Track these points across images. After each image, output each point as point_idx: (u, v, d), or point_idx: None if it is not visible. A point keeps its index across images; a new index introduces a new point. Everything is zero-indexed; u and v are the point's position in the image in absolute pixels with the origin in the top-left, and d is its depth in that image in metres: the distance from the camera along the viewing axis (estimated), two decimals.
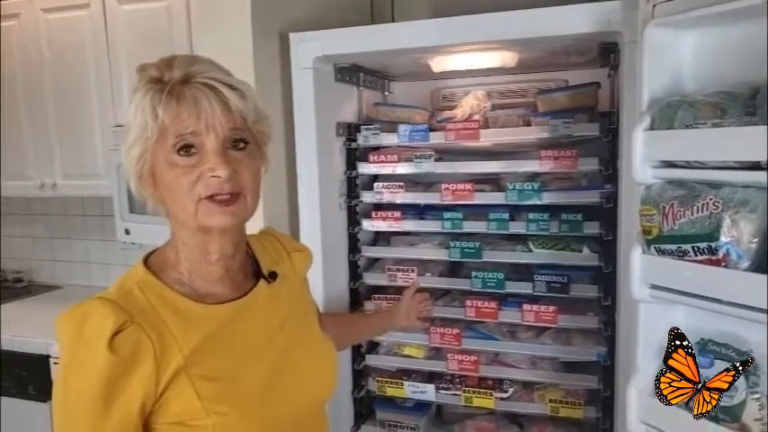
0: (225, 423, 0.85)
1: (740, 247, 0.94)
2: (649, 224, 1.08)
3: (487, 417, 1.85)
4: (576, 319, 1.65)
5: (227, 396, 0.87)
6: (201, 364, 0.87)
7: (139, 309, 0.86)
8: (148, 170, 0.88)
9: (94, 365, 0.80)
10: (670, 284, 1.07)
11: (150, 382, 0.83)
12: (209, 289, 0.93)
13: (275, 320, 0.99)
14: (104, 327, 0.81)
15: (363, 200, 1.84)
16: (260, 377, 0.92)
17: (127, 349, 0.81)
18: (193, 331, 0.88)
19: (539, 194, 1.63)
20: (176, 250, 0.93)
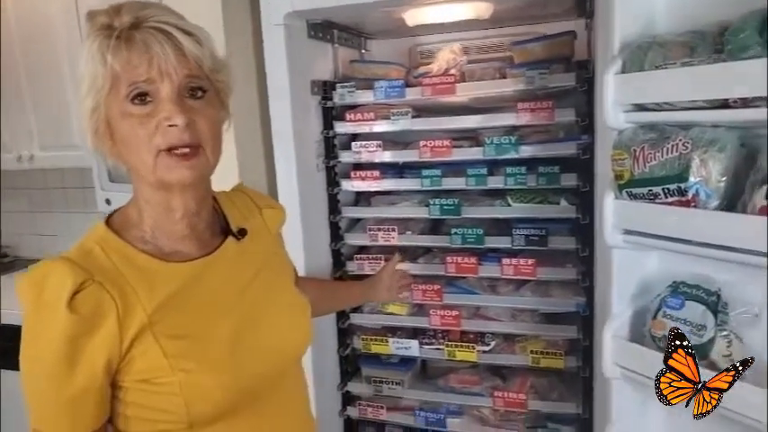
0: (191, 380, 0.84)
1: (709, 187, 0.95)
2: (621, 168, 1.08)
3: (470, 370, 1.87)
4: (554, 272, 1.67)
5: (193, 353, 0.86)
6: (166, 321, 0.85)
7: (100, 267, 0.84)
8: (104, 123, 0.85)
9: (55, 326, 0.79)
10: (642, 228, 1.07)
11: (114, 341, 0.81)
12: (175, 247, 0.91)
13: (244, 277, 0.97)
14: (63, 287, 0.79)
15: (342, 160, 1.82)
16: (227, 333, 0.90)
17: (88, 308, 0.80)
18: (157, 289, 0.86)
19: (516, 148, 1.63)
20: (139, 208, 0.91)
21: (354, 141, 1.81)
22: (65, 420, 0.83)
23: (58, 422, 0.83)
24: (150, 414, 0.86)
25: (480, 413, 1.81)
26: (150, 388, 0.84)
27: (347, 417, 1.95)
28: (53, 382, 0.80)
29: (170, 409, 0.84)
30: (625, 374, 1.16)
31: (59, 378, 0.80)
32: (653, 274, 1.22)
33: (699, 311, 1.04)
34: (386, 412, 1.89)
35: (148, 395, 0.85)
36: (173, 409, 0.84)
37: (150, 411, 0.86)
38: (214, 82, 0.88)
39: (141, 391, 0.85)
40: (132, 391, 0.85)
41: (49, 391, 0.81)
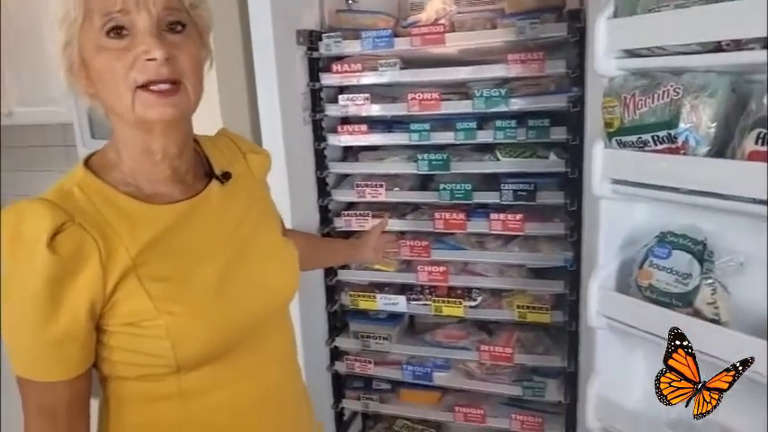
0: (177, 323, 0.82)
1: (699, 133, 0.94)
2: (611, 116, 1.06)
3: (457, 325, 1.89)
4: (542, 227, 1.67)
5: (178, 296, 0.84)
6: (151, 264, 0.83)
7: (80, 209, 0.81)
8: (78, 59, 0.81)
9: (35, 266, 0.76)
10: (631, 177, 1.07)
11: (97, 284, 0.79)
12: (157, 189, 0.88)
13: (229, 221, 0.95)
14: (42, 227, 0.76)
15: (328, 113, 1.79)
16: (212, 276, 0.87)
17: (68, 249, 0.77)
18: (141, 231, 0.83)
19: (506, 101, 1.61)
20: (118, 149, 0.87)
21: (341, 94, 1.78)
22: (48, 365, 0.81)
23: (41, 367, 0.81)
24: (136, 358, 0.84)
25: (466, 367, 1.83)
26: (136, 331, 0.82)
27: (335, 371, 1.97)
28: (34, 325, 0.78)
29: (156, 353, 0.83)
30: (611, 324, 1.16)
31: (41, 321, 0.78)
32: (640, 226, 1.22)
33: (685, 260, 1.04)
34: (373, 367, 1.90)
35: (134, 339, 0.83)
36: (159, 353, 0.82)
37: (136, 355, 0.84)
38: (193, 17, 0.85)
39: (127, 334, 0.83)
40: (117, 335, 0.83)
41: (30, 334, 0.79)
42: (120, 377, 0.87)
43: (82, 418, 0.86)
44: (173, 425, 0.88)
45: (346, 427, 2.08)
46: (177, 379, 0.86)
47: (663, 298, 1.05)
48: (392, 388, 1.98)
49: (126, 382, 0.87)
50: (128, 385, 0.87)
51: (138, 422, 0.89)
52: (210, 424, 0.90)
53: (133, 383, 0.87)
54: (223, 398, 0.90)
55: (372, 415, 2.20)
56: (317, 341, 1.92)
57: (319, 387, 1.92)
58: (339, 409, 2.01)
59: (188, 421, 0.88)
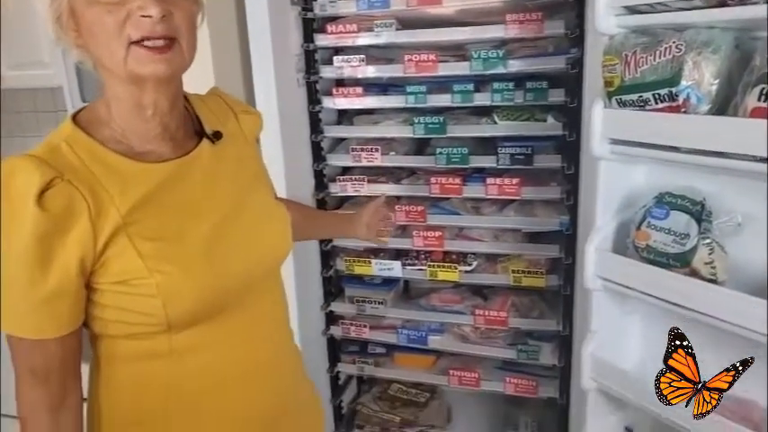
0: (168, 282, 0.82)
1: (700, 90, 0.92)
2: (611, 75, 1.05)
3: (452, 290, 1.89)
4: (539, 191, 1.66)
5: (170, 255, 0.83)
6: (141, 223, 0.82)
7: (68, 165, 0.79)
8: (67, 10, 0.78)
9: (23, 224, 0.75)
10: (631, 137, 1.05)
11: (87, 241, 0.78)
12: (147, 147, 0.87)
13: (221, 180, 0.93)
14: (30, 183, 0.75)
15: (323, 75, 1.76)
16: (203, 236, 0.87)
17: (58, 206, 0.76)
18: (130, 189, 0.82)
19: (504, 62, 1.58)
20: (108, 105, 0.85)
21: (336, 56, 1.74)
22: (39, 323, 0.80)
23: (32, 325, 0.80)
24: (127, 317, 0.83)
25: (461, 331, 1.84)
26: (127, 290, 0.82)
27: (330, 336, 1.98)
28: (24, 282, 0.77)
29: (148, 312, 0.82)
30: (607, 286, 1.16)
31: (31, 278, 0.77)
32: (638, 188, 1.21)
33: (683, 221, 1.04)
34: (368, 331, 1.91)
35: (126, 297, 0.82)
36: (150, 312, 0.82)
37: (127, 314, 0.83)
38: None
39: (118, 293, 0.82)
40: (108, 294, 0.82)
41: (20, 292, 0.78)
42: (110, 336, 0.87)
43: (74, 377, 0.86)
44: (163, 384, 0.89)
45: (341, 391, 2.10)
46: (168, 338, 0.85)
47: (660, 258, 1.05)
48: (387, 352, 2.00)
49: (117, 341, 0.87)
50: (118, 344, 0.87)
51: (129, 380, 0.89)
52: (201, 383, 0.90)
53: (124, 342, 0.87)
54: (213, 358, 0.90)
55: (367, 379, 2.22)
56: (312, 306, 1.92)
57: (315, 351, 1.93)
58: (334, 373, 2.03)
59: (179, 380, 0.89)
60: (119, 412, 0.90)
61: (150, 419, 0.90)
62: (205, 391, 0.91)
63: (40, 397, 0.82)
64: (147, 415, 0.90)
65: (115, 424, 0.90)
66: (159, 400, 0.89)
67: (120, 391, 0.90)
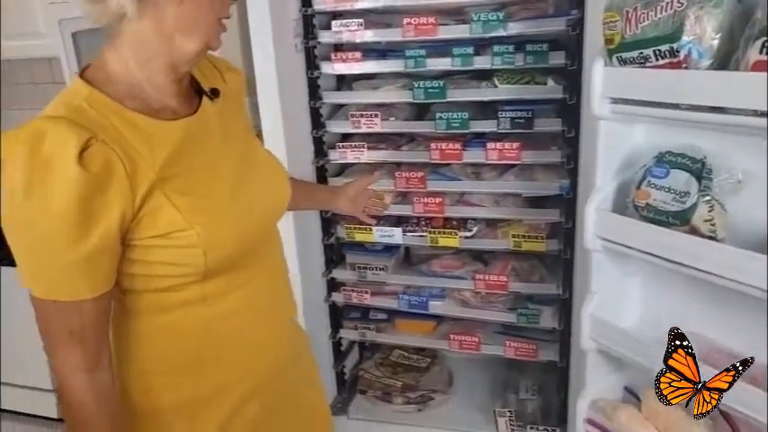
0: (207, 232, 0.87)
1: (702, 45, 0.91)
2: (612, 32, 1.04)
3: (453, 255, 1.90)
4: (539, 155, 1.65)
5: (203, 208, 0.88)
6: (173, 179, 0.86)
7: (98, 125, 0.80)
8: None
9: (64, 185, 0.75)
10: (631, 95, 1.04)
11: (126, 199, 0.80)
12: (163, 102, 0.89)
13: (226, 136, 0.98)
14: (67, 144, 0.75)
15: (321, 40, 1.75)
16: (226, 189, 0.93)
17: (97, 166, 0.77)
18: (158, 148, 0.85)
19: (504, 25, 1.56)
20: (125, 62, 0.86)
21: (335, 20, 1.72)
22: (76, 284, 0.81)
23: (69, 287, 0.81)
24: (161, 269, 0.87)
25: (462, 296, 1.86)
26: (166, 243, 0.85)
27: (332, 302, 1.99)
28: (63, 244, 0.77)
29: (187, 262, 0.87)
30: (607, 246, 1.17)
31: (71, 240, 0.77)
32: (638, 148, 1.20)
33: (683, 179, 1.03)
34: (370, 297, 1.93)
35: (165, 250, 0.86)
36: (191, 261, 0.87)
37: (163, 267, 0.87)
38: None
39: (156, 247, 0.85)
40: (143, 249, 0.85)
41: (58, 254, 0.78)
42: (140, 291, 0.90)
43: (106, 337, 0.88)
44: (196, 330, 0.94)
45: (344, 357, 2.13)
46: (201, 287, 0.91)
47: (660, 217, 1.05)
48: (388, 318, 2.02)
49: (146, 295, 0.91)
50: (148, 297, 0.91)
51: (161, 331, 0.93)
52: (229, 325, 0.96)
53: (154, 295, 0.91)
54: (238, 301, 0.96)
55: (369, 345, 2.25)
56: (314, 273, 1.93)
57: (317, 318, 1.95)
58: (336, 339, 2.05)
59: (209, 325, 0.95)
60: (151, 364, 0.95)
61: (185, 366, 0.95)
62: (232, 332, 0.97)
63: (77, 358, 0.83)
64: (181, 362, 0.95)
65: (149, 376, 0.95)
66: (193, 346, 0.95)
67: (151, 344, 0.94)
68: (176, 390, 0.95)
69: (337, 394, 2.09)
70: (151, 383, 0.95)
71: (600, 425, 1.24)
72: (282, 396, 1.08)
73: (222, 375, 0.97)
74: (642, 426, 1.20)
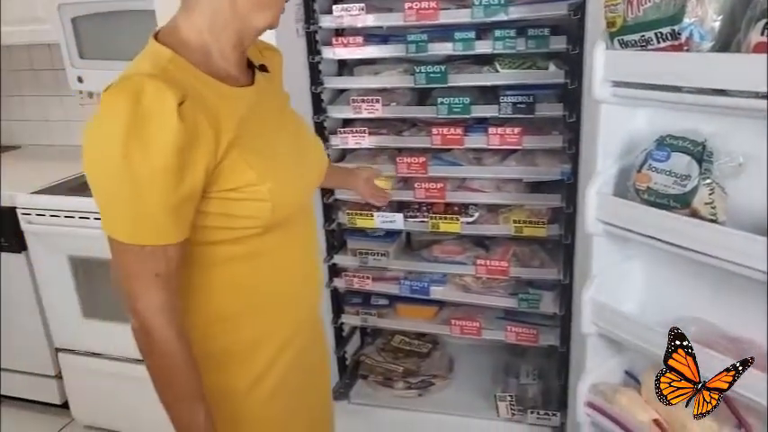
0: (276, 188, 0.94)
1: (703, 27, 0.91)
2: (613, 15, 1.04)
3: (454, 241, 1.90)
4: (541, 140, 1.65)
5: (271, 166, 0.96)
6: (245, 139, 0.93)
7: (185, 85, 0.87)
8: None
9: (166, 135, 0.82)
10: (633, 78, 1.05)
11: (211, 153, 0.88)
12: (228, 71, 0.97)
13: (279, 106, 1.09)
14: (167, 99, 0.82)
15: (322, 25, 1.74)
16: (288, 151, 1.03)
17: (191, 120, 0.84)
18: (232, 110, 0.93)
19: (505, 9, 1.56)
20: (201, 32, 0.93)
21: (336, 5, 1.72)
22: (167, 229, 0.87)
23: (160, 231, 0.87)
24: (230, 221, 0.94)
25: (463, 281, 1.86)
26: (239, 196, 0.92)
27: (334, 288, 2.00)
28: (162, 191, 0.84)
29: (255, 215, 0.94)
30: (608, 230, 1.17)
31: (169, 186, 0.84)
32: (639, 133, 1.21)
33: (684, 162, 1.04)
34: (371, 282, 1.93)
35: (235, 203, 0.93)
36: (258, 215, 0.94)
37: (231, 219, 0.94)
38: None
39: (228, 200, 0.92)
40: (216, 201, 0.92)
41: (156, 200, 0.84)
42: (206, 242, 0.96)
43: (180, 282, 0.94)
44: (248, 284, 1.02)
45: (345, 343, 2.14)
46: (259, 240, 0.98)
47: (661, 200, 1.05)
48: (390, 303, 2.02)
49: (211, 247, 0.97)
50: (213, 249, 0.97)
51: (220, 283, 1.00)
52: (276, 281, 1.05)
53: (218, 247, 0.97)
54: (283, 257, 1.05)
55: (371, 330, 2.26)
56: None
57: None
58: (338, 325, 2.06)
59: (260, 280, 1.03)
60: (209, 314, 1.02)
61: (238, 314, 1.03)
62: (278, 283, 1.06)
63: (162, 299, 0.89)
64: (236, 310, 1.03)
65: (206, 323, 1.02)
66: (244, 298, 1.02)
67: (211, 294, 1.01)
68: (230, 334, 1.03)
69: (339, 379, 2.10)
70: (208, 330, 1.02)
71: (600, 408, 1.25)
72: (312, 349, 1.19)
73: (267, 323, 1.06)
74: (642, 409, 1.21)
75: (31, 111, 3.00)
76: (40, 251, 2.27)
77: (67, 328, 2.34)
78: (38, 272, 2.31)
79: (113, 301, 2.20)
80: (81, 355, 2.34)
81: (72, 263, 2.23)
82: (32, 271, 2.32)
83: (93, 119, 0.86)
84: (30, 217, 2.21)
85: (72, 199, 2.14)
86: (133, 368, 2.15)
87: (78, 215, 2.11)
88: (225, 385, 1.04)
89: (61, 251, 2.22)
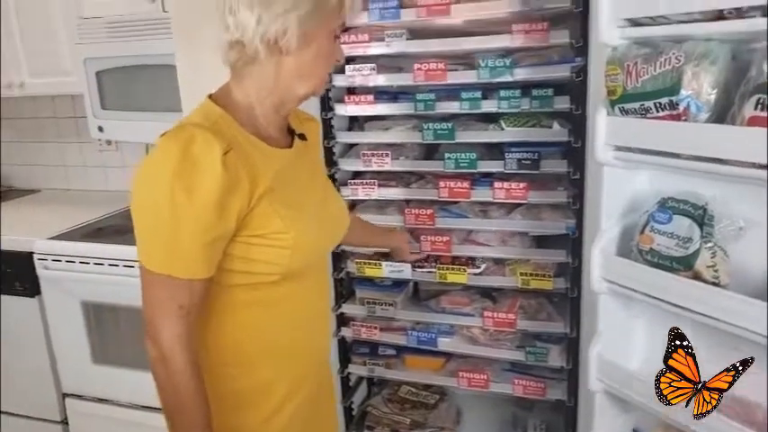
0: (299, 237, 1.04)
1: (700, 100, 0.96)
2: (614, 84, 1.08)
3: (461, 292, 1.92)
4: (545, 195, 1.69)
5: (297, 218, 1.05)
6: (278, 192, 1.03)
7: (230, 138, 0.98)
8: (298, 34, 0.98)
9: (210, 179, 0.92)
10: (633, 144, 1.09)
11: (245, 200, 0.97)
12: (269, 132, 1.09)
13: (312, 173, 1.21)
14: (213, 148, 0.93)
15: (335, 84, 1.81)
16: (313, 208, 1.13)
17: (233, 168, 0.95)
18: (269, 165, 1.04)
19: (511, 70, 1.62)
20: (248, 95, 1.06)
21: (348, 65, 1.79)
22: (197, 264, 0.96)
23: (191, 266, 0.96)
24: (248, 266, 1.03)
25: (470, 333, 1.87)
26: (264, 242, 1.01)
27: (341, 337, 2.01)
28: (200, 229, 0.93)
29: (275, 261, 1.03)
30: (612, 289, 1.20)
31: (206, 225, 0.94)
32: (642, 193, 1.24)
33: (685, 225, 1.07)
34: (379, 332, 1.95)
35: (259, 248, 1.02)
36: (278, 261, 1.03)
37: (254, 263, 1.03)
38: None
39: (252, 245, 1.01)
40: (242, 245, 1.01)
41: (192, 236, 0.94)
42: (226, 284, 1.04)
43: (199, 319, 1.02)
44: (261, 329, 1.10)
45: (352, 393, 2.14)
46: (276, 288, 1.07)
47: (664, 261, 1.08)
48: (397, 353, 2.03)
49: (231, 290, 1.05)
50: (232, 292, 1.05)
51: (236, 325, 1.08)
52: (289, 328, 1.13)
53: (237, 290, 1.05)
54: (297, 307, 1.13)
55: (378, 380, 2.26)
56: None
57: None
58: (345, 375, 2.07)
59: (274, 326, 1.11)
60: (219, 356, 1.09)
61: (248, 360, 1.10)
62: (291, 335, 1.13)
63: (182, 330, 0.97)
64: (245, 356, 1.10)
65: (216, 364, 1.08)
66: (257, 343, 1.09)
67: (224, 336, 1.08)
68: (242, 377, 1.11)
69: (345, 430, 2.09)
70: (220, 371, 1.08)
71: None
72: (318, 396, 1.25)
73: (279, 368, 1.13)
74: None
75: (50, 156, 3.09)
76: (54, 296, 2.30)
77: (76, 373, 2.36)
78: (50, 316, 2.34)
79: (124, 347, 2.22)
80: (89, 401, 2.35)
81: (84, 308, 2.26)
82: (44, 315, 2.35)
83: (145, 159, 0.97)
84: (46, 262, 2.25)
85: (87, 245, 2.18)
86: (141, 415, 2.16)
87: (93, 261, 2.15)
88: (234, 426, 1.10)
89: (74, 296, 2.25)
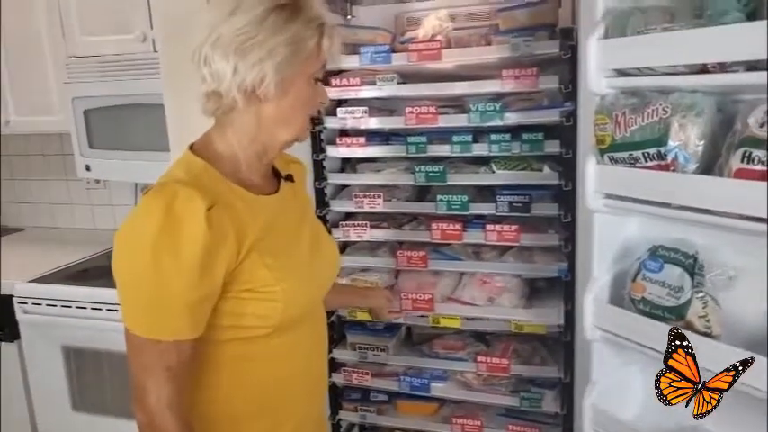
0: (289, 289, 1.00)
1: (687, 151, 0.96)
2: (603, 133, 1.09)
3: (454, 336, 1.90)
4: (537, 237, 1.69)
5: (287, 269, 1.02)
6: (266, 243, 1.00)
7: (214, 193, 0.95)
8: (276, 81, 0.95)
9: (194, 238, 0.89)
10: (622, 192, 1.09)
11: (232, 256, 0.94)
12: (253, 180, 1.06)
13: (300, 213, 1.16)
14: (197, 205, 0.90)
15: (327, 126, 1.82)
16: (303, 256, 1.10)
17: (217, 225, 0.92)
18: (257, 216, 1.00)
19: (501, 115, 1.63)
20: (231, 145, 1.03)
21: (340, 107, 1.80)
22: (182, 325, 0.92)
23: (176, 327, 0.92)
24: (244, 320, 0.99)
25: (464, 378, 1.84)
26: (253, 296, 0.98)
27: (332, 383, 1.97)
28: (183, 289, 0.90)
29: (267, 314, 0.99)
30: (605, 336, 1.19)
31: (190, 285, 0.90)
32: (633, 239, 1.24)
33: (676, 274, 1.07)
34: (371, 378, 1.91)
35: (249, 302, 0.98)
36: (269, 314, 0.99)
37: (245, 318, 0.99)
38: None
39: (242, 299, 0.98)
40: (232, 300, 0.97)
41: (175, 298, 0.90)
42: (216, 340, 1.00)
43: (189, 378, 0.98)
44: (256, 384, 1.06)
45: None
46: (267, 342, 1.03)
47: (655, 311, 1.07)
48: (389, 399, 1.99)
49: (222, 345, 1.01)
50: (223, 348, 1.02)
51: (227, 382, 1.04)
52: (284, 383, 1.09)
53: (228, 345, 1.02)
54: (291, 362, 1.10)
55: (369, 427, 2.21)
56: None
57: None
58: (336, 421, 2.02)
59: (268, 381, 1.07)
60: (212, 412, 1.04)
61: (242, 416, 1.06)
62: (285, 389, 1.10)
63: (170, 392, 0.93)
64: (239, 411, 1.06)
65: (209, 420, 1.04)
66: (251, 397, 1.06)
67: (217, 391, 1.04)
68: None
69: None
70: (213, 427, 1.05)
71: None
72: None
73: (273, 421, 1.09)
74: None
75: (37, 194, 3.08)
76: (34, 340, 2.25)
77: (55, 419, 2.30)
78: (29, 360, 2.29)
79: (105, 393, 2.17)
80: None
81: (65, 352, 2.21)
82: (23, 359, 2.29)
83: (127, 218, 0.94)
84: (26, 306, 2.21)
85: (69, 288, 2.14)
86: None
87: (75, 304, 2.10)
88: None
89: (55, 340, 2.21)
